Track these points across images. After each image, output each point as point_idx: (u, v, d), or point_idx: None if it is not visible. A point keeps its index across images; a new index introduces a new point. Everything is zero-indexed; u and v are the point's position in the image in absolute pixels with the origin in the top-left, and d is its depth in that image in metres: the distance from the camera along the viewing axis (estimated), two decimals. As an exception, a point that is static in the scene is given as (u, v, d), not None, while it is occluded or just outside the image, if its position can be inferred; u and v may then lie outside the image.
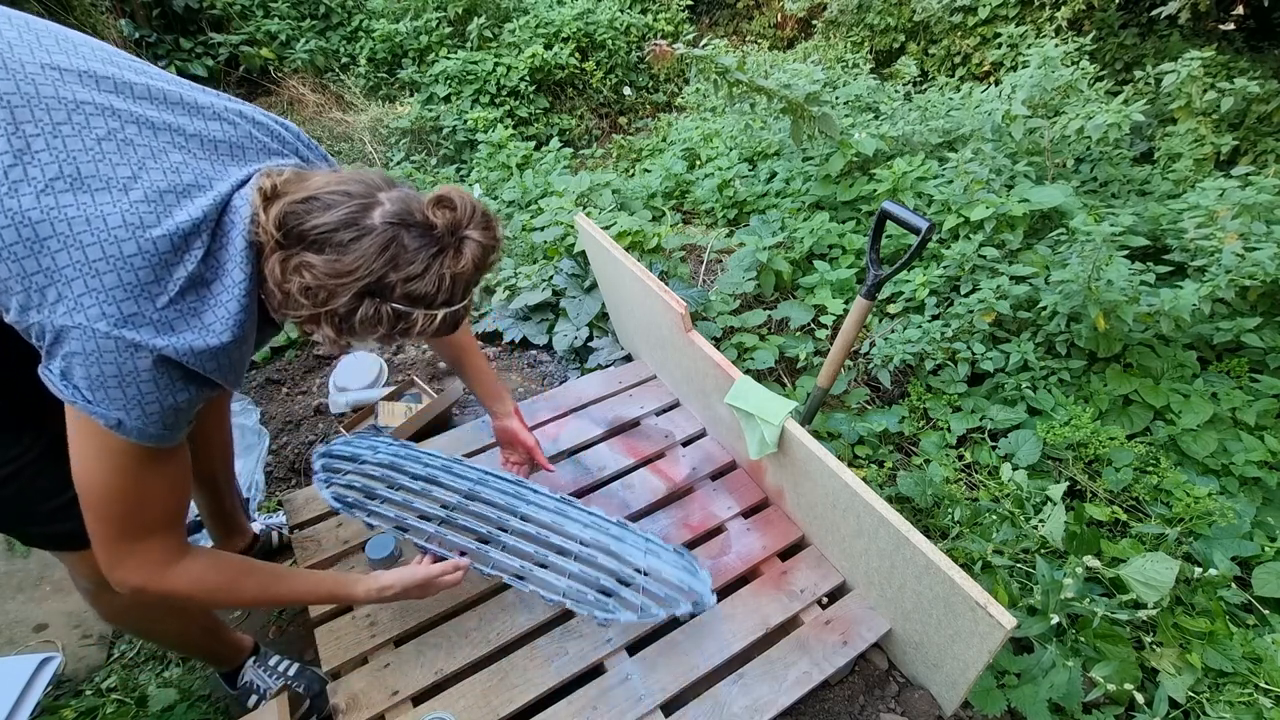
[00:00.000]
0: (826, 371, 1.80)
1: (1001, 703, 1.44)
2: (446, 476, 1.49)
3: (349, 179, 0.84)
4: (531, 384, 2.41)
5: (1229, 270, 2.01)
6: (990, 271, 2.37)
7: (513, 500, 1.49)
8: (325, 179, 0.84)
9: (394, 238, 0.82)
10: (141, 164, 0.79)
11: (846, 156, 2.89)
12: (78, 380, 0.77)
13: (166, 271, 0.78)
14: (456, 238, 0.86)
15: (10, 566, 1.71)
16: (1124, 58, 3.90)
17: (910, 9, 4.57)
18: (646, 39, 5.39)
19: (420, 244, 0.83)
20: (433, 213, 0.84)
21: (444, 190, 0.87)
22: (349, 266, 0.80)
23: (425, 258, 0.83)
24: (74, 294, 0.74)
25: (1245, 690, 1.44)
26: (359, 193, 0.83)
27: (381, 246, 0.81)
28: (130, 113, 0.81)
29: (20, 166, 0.74)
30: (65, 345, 0.76)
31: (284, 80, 4.74)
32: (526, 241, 2.85)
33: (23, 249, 0.74)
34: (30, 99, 0.76)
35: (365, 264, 0.80)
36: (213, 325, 0.82)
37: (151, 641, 1.54)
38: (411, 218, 0.83)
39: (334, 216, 0.80)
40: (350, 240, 0.80)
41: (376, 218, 0.81)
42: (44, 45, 0.81)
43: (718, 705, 1.34)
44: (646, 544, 1.47)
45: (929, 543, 1.20)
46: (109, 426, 0.79)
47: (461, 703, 1.32)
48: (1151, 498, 1.89)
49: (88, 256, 0.75)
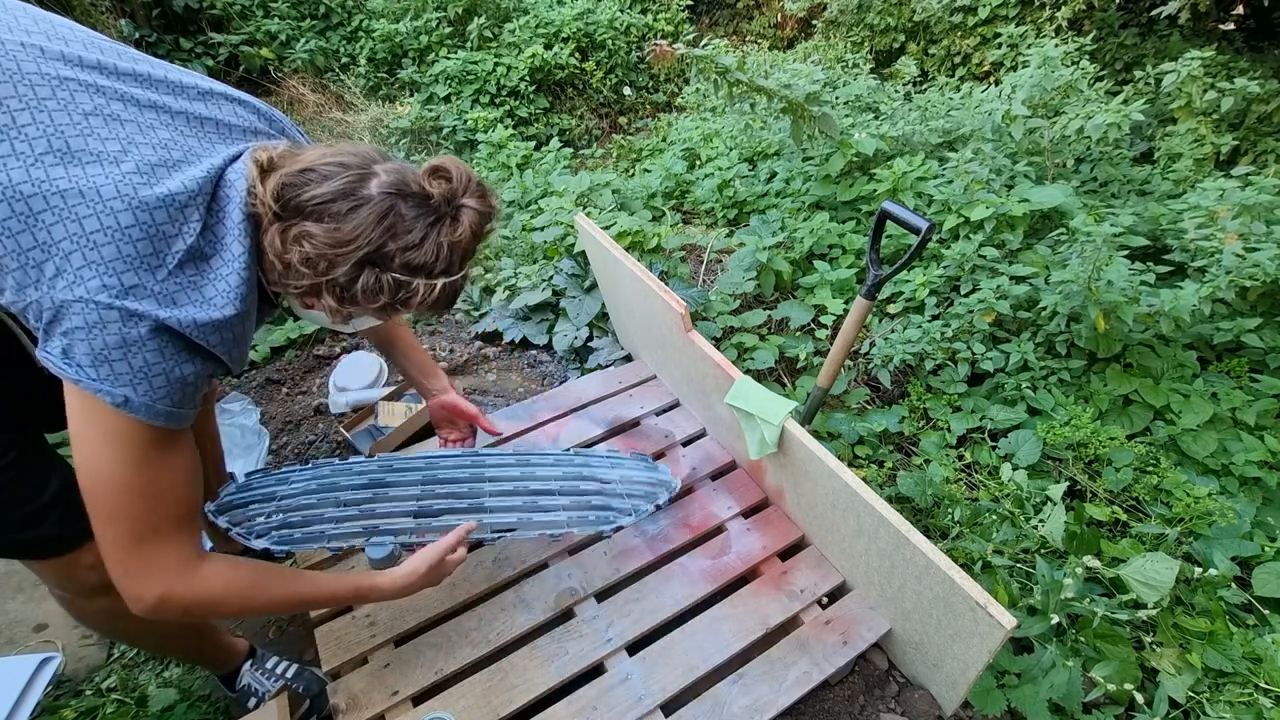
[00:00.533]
0: (826, 371, 1.80)
1: (1001, 703, 1.44)
2: (392, 474, 1.45)
3: (344, 151, 0.85)
4: (531, 384, 2.41)
5: (1229, 271, 2.01)
6: (990, 271, 2.37)
7: (474, 470, 1.50)
8: (320, 152, 0.84)
9: (391, 207, 0.82)
10: (130, 139, 0.79)
11: (846, 156, 2.89)
12: (80, 357, 0.75)
13: (165, 244, 0.77)
14: (453, 207, 0.87)
15: (10, 566, 1.71)
16: (1124, 58, 3.90)
17: (910, 9, 4.57)
18: (646, 39, 5.39)
19: (417, 213, 0.84)
20: (429, 183, 0.86)
21: (440, 160, 0.88)
22: (348, 235, 0.80)
23: (423, 227, 0.84)
24: (73, 267, 0.73)
25: (1245, 690, 1.44)
26: (355, 164, 0.83)
27: (379, 216, 0.81)
28: (115, 89, 0.81)
29: (7, 141, 0.73)
30: (66, 321, 0.74)
31: (284, 80, 4.74)
32: (526, 241, 2.84)
33: (17, 224, 0.72)
34: (12, 75, 0.75)
35: (364, 233, 0.81)
36: (214, 299, 0.81)
37: (134, 646, 1.53)
38: (408, 188, 0.84)
39: (331, 187, 0.80)
40: (349, 210, 0.81)
41: (373, 188, 0.82)
42: (22, 25, 0.80)
43: (718, 705, 1.34)
44: (609, 459, 1.63)
45: (929, 543, 1.20)
46: (115, 405, 0.77)
47: (461, 703, 1.32)
48: (1151, 498, 1.89)
49: (85, 229, 0.73)
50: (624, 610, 1.49)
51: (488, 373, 2.46)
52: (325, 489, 1.40)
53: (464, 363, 2.49)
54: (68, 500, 0.99)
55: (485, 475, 1.49)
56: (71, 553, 1.03)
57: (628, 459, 1.66)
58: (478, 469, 1.51)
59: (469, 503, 1.42)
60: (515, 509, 1.43)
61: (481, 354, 2.53)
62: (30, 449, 0.98)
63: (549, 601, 1.50)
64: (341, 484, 1.42)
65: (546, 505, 1.45)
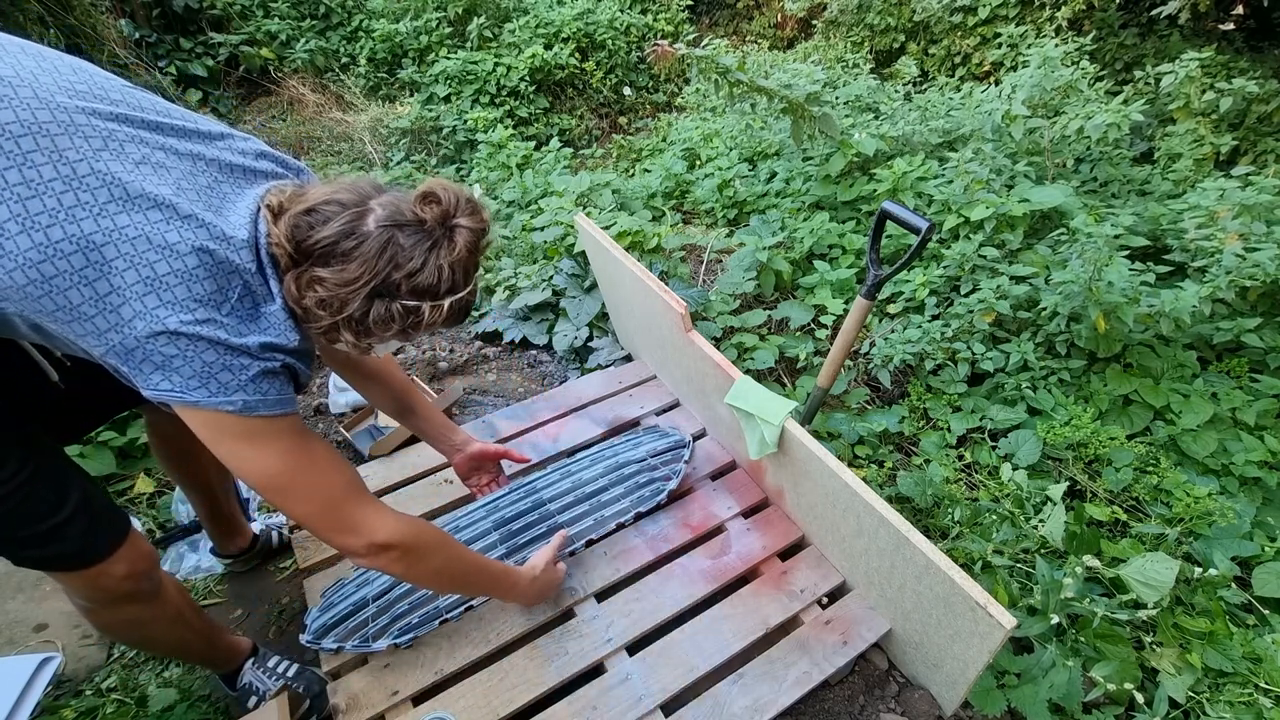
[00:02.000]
0: (826, 371, 1.80)
1: (1001, 703, 1.44)
2: (464, 532, 1.57)
3: (341, 188, 0.89)
4: (531, 384, 2.41)
5: (1229, 271, 2.01)
6: (990, 271, 2.37)
7: (532, 498, 1.64)
8: (320, 191, 0.89)
9: (390, 239, 0.86)
10: (179, 185, 0.82)
11: (847, 156, 2.89)
12: (186, 382, 0.81)
13: (226, 281, 0.83)
14: (447, 228, 0.91)
15: (10, 566, 1.71)
16: (1124, 58, 3.90)
17: (910, 9, 4.57)
18: (646, 39, 5.39)
19: (415, 240, 0.88)
20: (421, 209, 0.89)
21: (429, 185, 0.91)
22: (354, 274, 0.85)
23: (422, 252, 0.88)
24: (148, 308, 0.78)
25: (1245, 690, 1.44)
26: (351, 201, 0.87)
27: (380, 249, 0.86)
28: (155, 140, 0.84)
29: (72, 192, 0.75)
30: (156, 356, 0.79)
31: (284, 80, 4.74)
32: (526, 241, 2.84)
33: (93, 272, 0.76)
34: (67, 127, 0.77)
35: (369, 268, 0.85)
36: (270, 330, 0.87)
37: (150, 652, 1.54)
38: (403, 217, 0.88)
39: (333, 229, 0.85)
40: (352, 249, 0.85)
41: (371, 223, 0.86)
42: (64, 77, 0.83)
43: (718, 705, 1.34)
44: (629, 441, 1.82)
45: (929, 543, 1.20)
46: (240, 412, 0.84)
47: (461, 703, 1.32)
48: (1151, 498, 1.89)
49: (156, 272, 0.78)
50: (624, 610, 1.49)
51: (488, 373, 2.46)
52: None
53: (464, 363, 2.49)
54: (90, 512, 1.01)
55: (544, 498, 1.64)
56: (99, 564, 1.04)
57: (641, 434, 1.84)
58: (532, 495, 1.65)
59: (546, 524, 1.58)
60: (585, 514, 1.61)
61: (481, 354, 2.53)
62: (47, 463, 0.99)
63: (549, 601, 1.50)
64: None
65: (607, 500, 1.65)
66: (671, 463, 1.74)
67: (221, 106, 4.57)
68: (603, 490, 1.67)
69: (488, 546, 1.54)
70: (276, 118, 4.64)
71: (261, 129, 4.53)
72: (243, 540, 1.67)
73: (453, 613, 1.43)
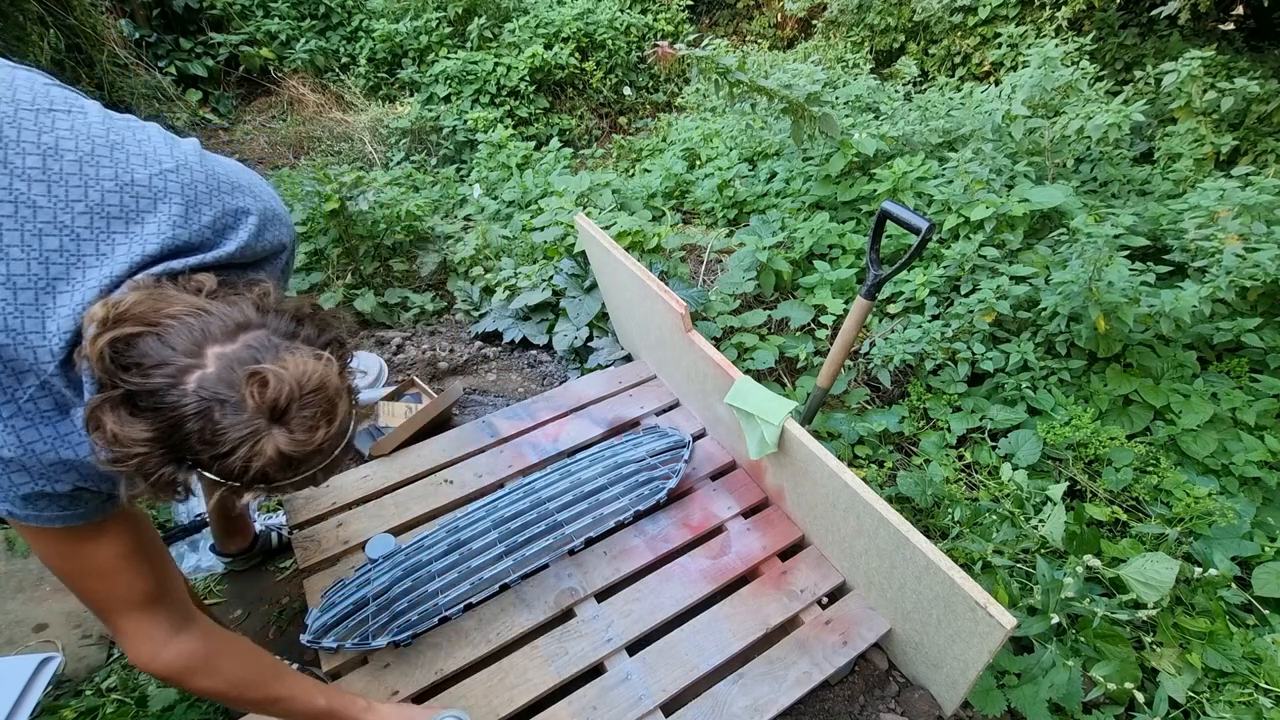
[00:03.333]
0: (826, 371, 1.80)
1: (1001, 703, 1.44)
2: (464, 532, 1.58)
3: (190, 319, 0.73)
4: (531, 384, 2.41)
5: (1229, 271, 2.01)
6: (990, 271, 2.37)
7: (531, 497, 1.65)
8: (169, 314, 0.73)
9: (203, 411, 0.71)
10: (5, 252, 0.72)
11: (847, 156, 2.89)
12: None
13: (16, 380, 0.74)
14: (258, 431, 0.74)
15: (10, 566, 1.71)
16: (1124, 58, 3.90)
17: (910, 9, 4.57)
18: (646, 39, 5.39)
19: (232, 422, 0.72)
20: (249, 391, 0.72)
21: (263, 371, 0.72)
22: (154, 435, 0.71)
23: (232, 440, 0.72)
24: None
25: (1245, 690, 1.44)
26: (184, 348, 0.71)
27: (193, 416, 0.71)
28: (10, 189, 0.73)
29: None
30: None
31: (284, 80, 4.74)
32: (526, 241, 2.85)
33: None
34: None
35: (173, 435, 0.71)
36: (71, 439, 0.78)
37: None
38: (230, 394, 0.72)
39: (151, 382, 0.70)
40: (156, 407, 0.71)
41: (191, 384, 0.71)
42: None
43: (718, 705, 1.34)
44: (629, 441, 1.83)
45: (929, 543, 1.20)
46: (9, 516, 0.80)
47: (461, 703, 1.32)
48: (1151, 498, 1.89)
49: None
50: (624, 610, 1.49)
51: (488, 373, 2.46)
52: (411, 571, 1.49)
53: (464, 363, 2.49)
54: None
55: (543, 498, 1.65)
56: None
57: (641, 434, 1.86)
58: (532, 494, 1.67)
59: (545, 523, 1.59)
60: (585, 512, 1.62)
61: (481, 354, 2.53)
62: None
63: (549, 601, 1.50)
64: (424, 560, 1.51)
65: (606, 499, 1.65)
66: (671, 462, 1.75)
67: (221, 106, 4.58)
68: (602, 489, 1.67)
69: (488, 546, 1.54)
70: (276, 118, 4.64)
71: (261, 129, 4.54)
72: (243, 540, 1.68)
73: (453, 610, 1.43)
